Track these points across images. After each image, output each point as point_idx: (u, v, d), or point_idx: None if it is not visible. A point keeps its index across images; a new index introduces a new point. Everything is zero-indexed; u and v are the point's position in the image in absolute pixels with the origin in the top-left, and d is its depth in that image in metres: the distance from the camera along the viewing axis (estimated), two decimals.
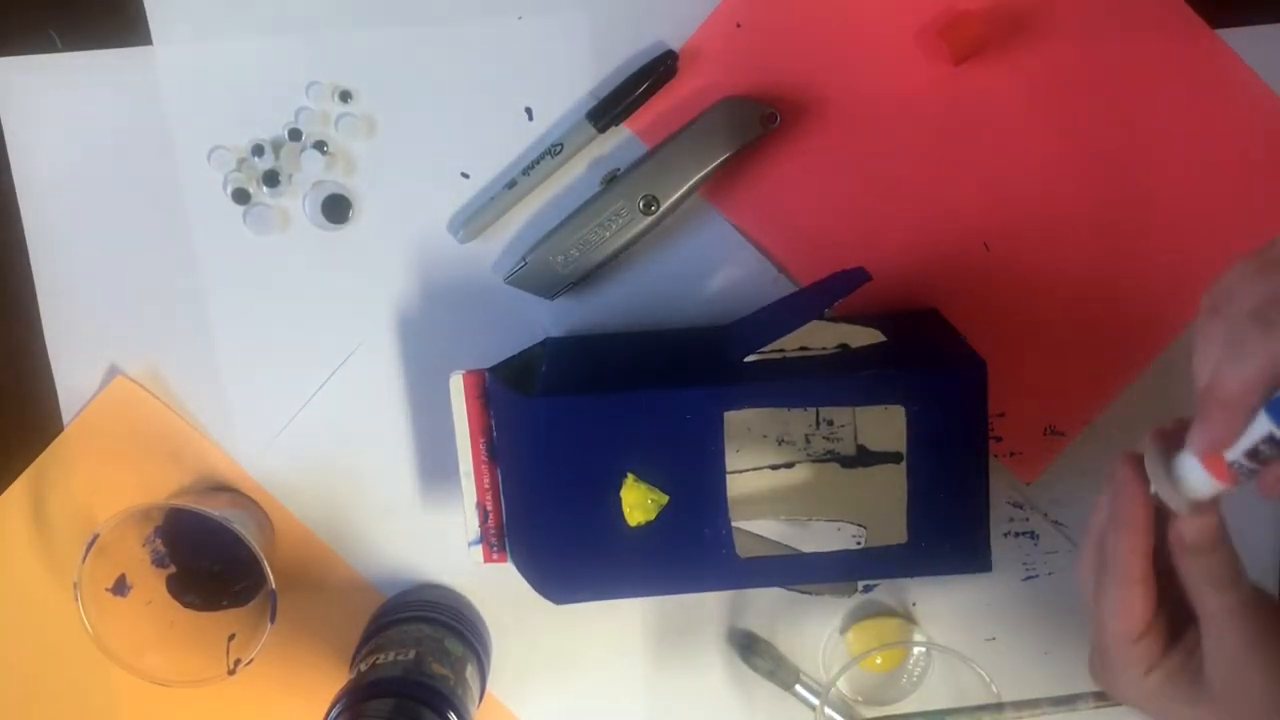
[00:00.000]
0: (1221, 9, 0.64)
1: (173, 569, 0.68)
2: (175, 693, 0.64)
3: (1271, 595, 0.51)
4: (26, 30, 0.62)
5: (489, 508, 0.62)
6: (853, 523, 0.67)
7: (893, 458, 0.66)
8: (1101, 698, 0.60)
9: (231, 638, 0.65)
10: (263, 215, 0.64)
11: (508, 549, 0.62)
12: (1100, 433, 0.69)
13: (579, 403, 0.56)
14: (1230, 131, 0.65)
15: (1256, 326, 0.41)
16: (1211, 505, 0.47)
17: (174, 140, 0.64)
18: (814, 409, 0.66)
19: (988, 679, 0.68)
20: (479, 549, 0.63)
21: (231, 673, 0.64)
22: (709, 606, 0.71)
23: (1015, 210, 0.66)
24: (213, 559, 0.68)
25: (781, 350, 0.62)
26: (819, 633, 0.71)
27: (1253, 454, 0.42)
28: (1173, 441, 0.46)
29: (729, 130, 0.62)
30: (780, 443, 0.67)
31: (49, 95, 0.63)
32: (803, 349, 0.62)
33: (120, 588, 0.65)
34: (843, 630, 0.71)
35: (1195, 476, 0.45)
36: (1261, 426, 0.41)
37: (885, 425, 0.66)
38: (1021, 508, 0.70)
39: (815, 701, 0.70)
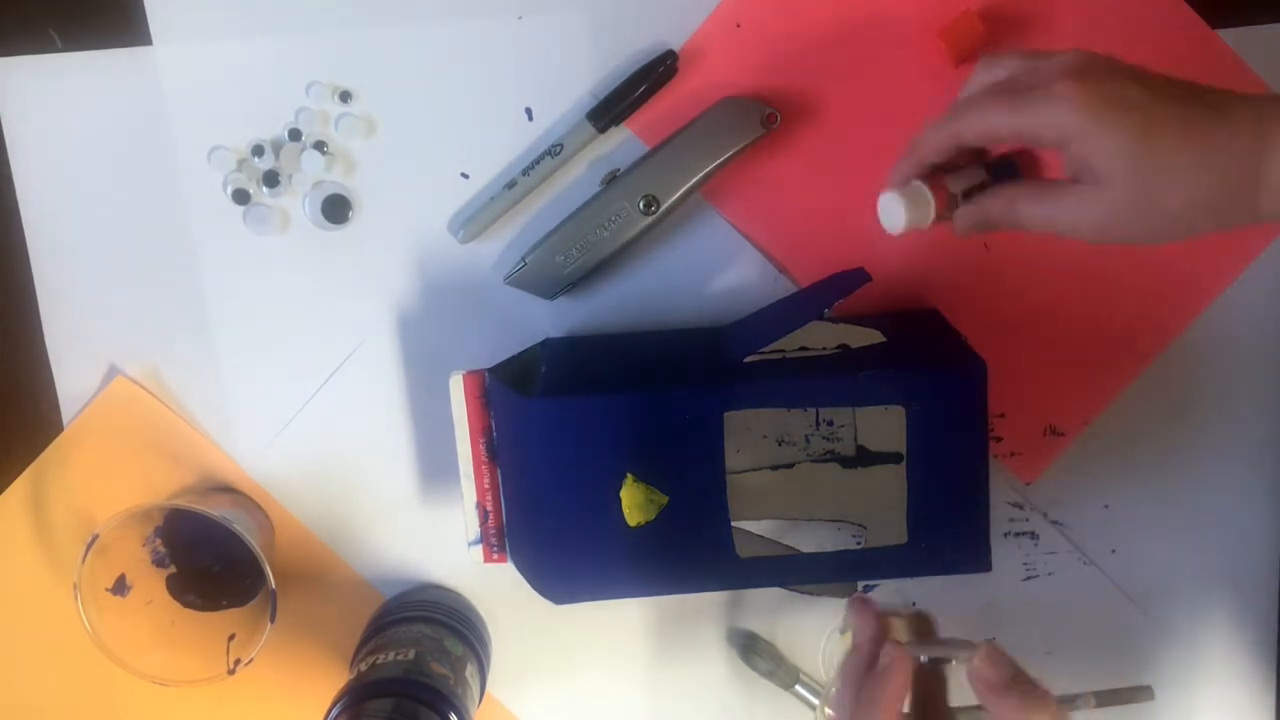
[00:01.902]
0: (1221, 9, 0.64)
1: (173, 569, 0.68)
2: (175, 693, 0.64)
3: None
4: (26, 30, 0.62)
5: (489, 508, 0.62)
6: (853, 523, 0.67)
7: (893, 458, 0.66)
8: (1103, 697, 0.59)
9: (231, 638, 0.65)
10: (263, 215, 0.64)
11: (508, 549, 0.62)
12: (1100, 433, 0.69)
13: (579, 403, 0.56)
14: None
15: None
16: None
17: (174, 140, 0.64)
18: (814, 409, 0.66)
19: None
20: (479, 549, 0.63)
21: (231, 673, 0.64)
22: (709, 606, 0.70)
23: None
24: (213, 559, 0.68)
25: (781, 350, 0.62)
26: (819, 633, 0.71)
27: (967, 193, 0.55)
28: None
29: (729, 130, 0.62)
30: (780, 443, 0.67)
31: (49, 95, 0.63)
32: (803, 349, 0.62)
33: (120, 588, 0.65)
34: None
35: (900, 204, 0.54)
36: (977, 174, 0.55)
37: (885, 425, 0.66)
38: (1021, 508, 0.70)
39: (815, 701, 0.70)
